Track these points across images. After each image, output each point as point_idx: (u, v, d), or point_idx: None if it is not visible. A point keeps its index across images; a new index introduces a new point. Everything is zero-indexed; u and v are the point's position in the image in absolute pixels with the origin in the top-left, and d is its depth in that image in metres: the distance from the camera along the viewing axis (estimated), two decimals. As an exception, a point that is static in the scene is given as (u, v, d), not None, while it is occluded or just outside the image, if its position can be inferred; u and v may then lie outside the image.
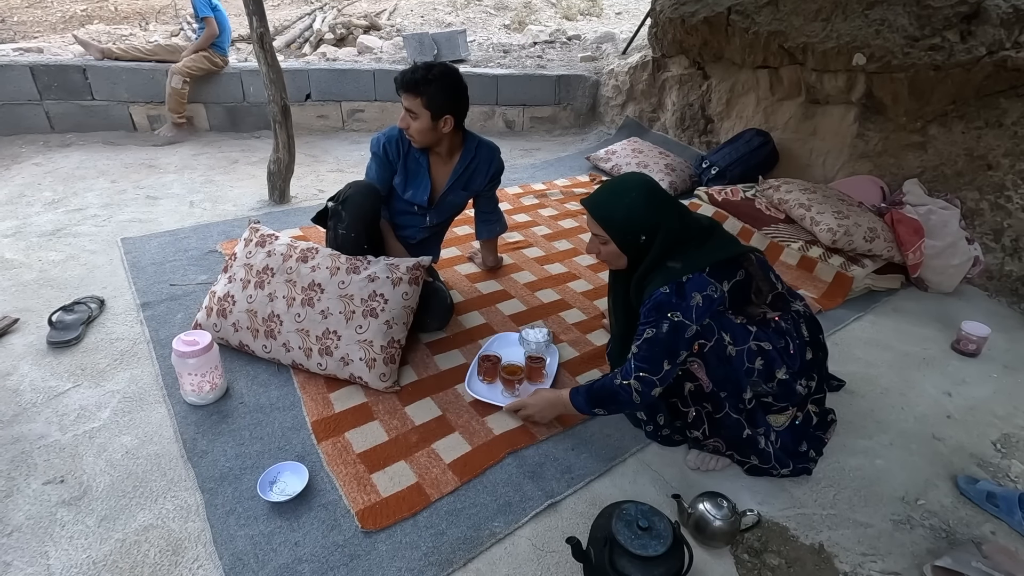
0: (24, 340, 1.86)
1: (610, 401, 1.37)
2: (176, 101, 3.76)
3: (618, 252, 1.40)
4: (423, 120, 1.81)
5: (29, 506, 1.32)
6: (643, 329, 1.31)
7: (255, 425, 1.57)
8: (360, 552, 1.25)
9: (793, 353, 1.36)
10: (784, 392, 1.36)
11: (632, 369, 1.31)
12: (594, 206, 1.39)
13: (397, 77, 1.79)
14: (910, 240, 2.46)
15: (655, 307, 1.29)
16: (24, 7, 7.77)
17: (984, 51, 2.41)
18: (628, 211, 1.35)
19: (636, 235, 1.35)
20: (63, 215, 2.74)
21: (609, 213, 1.37)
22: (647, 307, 1.31)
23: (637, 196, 1.35)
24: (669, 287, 1.28)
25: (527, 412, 1.56)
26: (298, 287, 1.73)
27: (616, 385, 1.34)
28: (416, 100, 1.78)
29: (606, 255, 1.43)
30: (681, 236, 1.35)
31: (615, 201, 1.37)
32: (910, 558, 1.32)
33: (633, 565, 1.10)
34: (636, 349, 1.32)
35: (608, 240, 1.39)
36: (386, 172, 1.98)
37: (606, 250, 1.42)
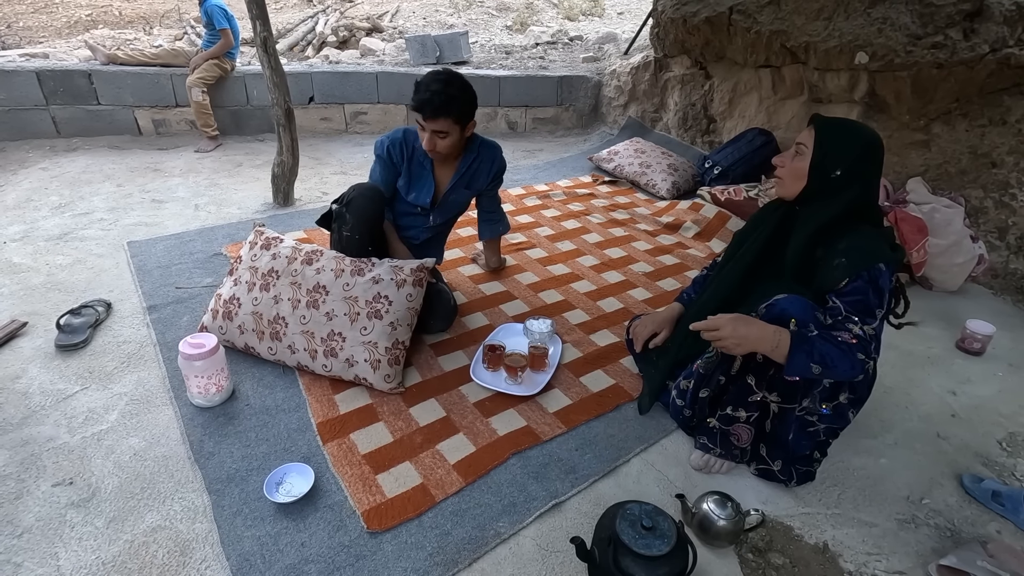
0: (33, 343, 1.88)
1: (839, 363, 1.17)
2: (203, 115, 3.80)
3: (804, 171, 1.33)
4: (454, 135, 1.82)
5: (39, 507, 1.33)
6: (856, 300, 1.22)
7: (261, 427, 1.58)
8: (366, 552, 1.26)
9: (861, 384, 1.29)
10: (835, 415, 1.30)
11: (862, 347, 1.19)
12: (823, 120, 1.35)
13: (418, 105, 1.75)
14: (914, 239, 2.46)
15: (872, 282, 1.22)
16: (30, 12, 7.83)
17: (987, 49, 2.40)
18: (846, 139, 1.30)
19: (834, 165, 1.30)
20: (70, 219, 2.77)
21: (830, 130, 1.31)
22: (863, 275, 1.22)
23: (865, 138, 1.30)
24: (887, 267, 1.23)
25: (722, 334, 1.27)
26: (303, 289, 1.74)
27: (853, 353, 1.18)
28: (447, 120, 1.77)
29: (790, 170, 1.36)
30: (873, 204, 1.31)
31: (843, 127, 1.33)
32: (915, 557, 1.32)
33: (637, 565, 1.10)
34: (860, 331, 1.20)
35: (806, 153, 1.32)
36: (391, 175, 1.99)
37: (794, 165, 1.35)
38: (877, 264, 1.22)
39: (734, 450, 1.46)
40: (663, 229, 2.96)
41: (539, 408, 1.69)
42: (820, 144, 1.31)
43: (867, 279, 1.22)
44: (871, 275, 1.22)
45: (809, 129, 1.35)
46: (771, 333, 1.22)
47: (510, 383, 1.75)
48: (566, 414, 1.67)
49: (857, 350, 1.18)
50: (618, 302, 2.28)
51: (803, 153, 1.34)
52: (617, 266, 2.56)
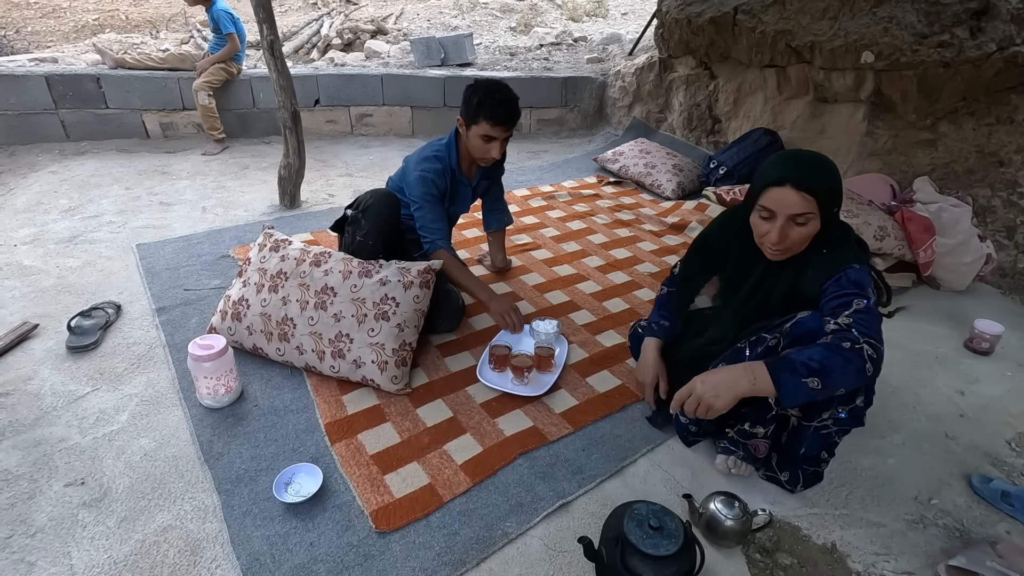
0: (44, 345, 1.90)
1: (838, 367, 1.09)
2: (209, 118, 3.83)
3: (816, 229, 1.24)
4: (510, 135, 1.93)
5: (51, 507, 1.35)
6: (847, 299, 1.18)
7: (270, 427, 1.59)
8: (374, 552, 1.26)
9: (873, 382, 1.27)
10: (852, 417, 1.29)
11: (857, 335, 1.12)
12: (810, 175, 1.19)
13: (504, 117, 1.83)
14: (921, 238, 2.45)
15: (855, 282, 1.19)
16: (38, 17, 7.90)
17: (994, 47, 2.39)
18: (833, 177, 1.22)
19: (838, 204, 1.24)
20: (79, 222, 2.79)
21: (819, 181, 1.20)
22: (841, 279, 1.21)
23: (830, 162, 1.24)
24: (860, 266, 1.22)
25: (696, 395, 1.21)
26: (311, 291, 1.76)
27: (844, 348, 1.10)
28: (515, 125, 1.89)
29: (799, 237, 1.24)
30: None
31: (819, 170, 1.22)
32: (924, 558, 1.31)
33: (645, 564, 1.11)
34: (849, 320, 1.15)
35: (815, 215, 1.21)
36: (443, 208, 2.02)
37: (803, 233, 1.23)
38: (850, 265, 1.23)
39: (751, 457, 1.45)
40: (668, 229, 2.96)
41: (546, 408, 1.69)
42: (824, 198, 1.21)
43: (843, 280, 1.23)
44: (849, 276, 1.23)
45: (798, 195, 1.20)
46: (740, 370, 1.17)
47: (516, 384, 1.75)
48: (573, 414, 1.67)
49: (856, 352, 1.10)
50: (624, 303, 2.28)
51: (810, 219, 1.22)
52: (623, 266, 2.56)
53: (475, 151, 1.94)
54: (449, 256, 1.96)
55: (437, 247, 1.95)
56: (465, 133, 1.93)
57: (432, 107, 4.37)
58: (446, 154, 1.99)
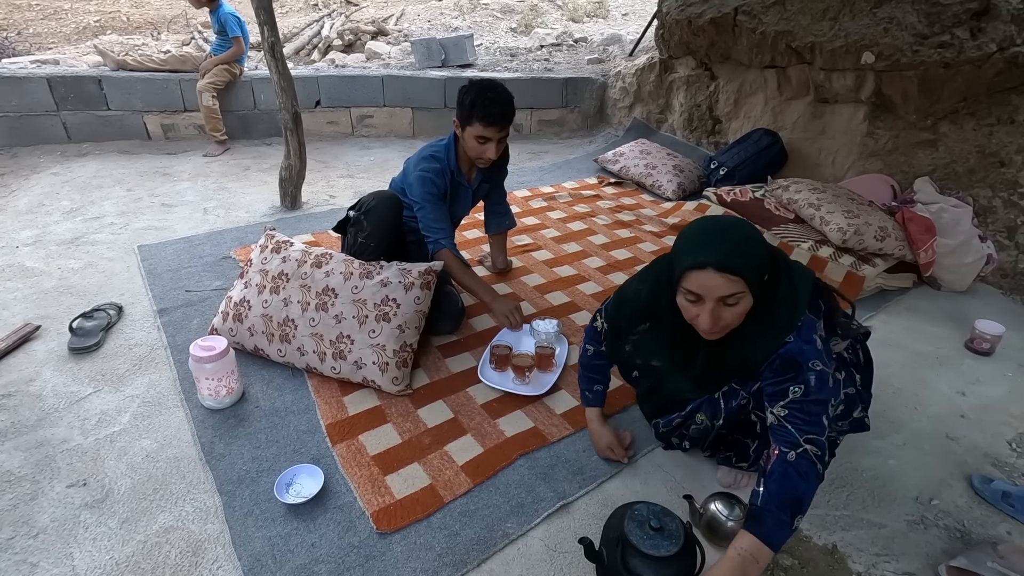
0: (46, 346, 1.90)
1: (804, 490, 1.06)
2: (212, 119, 3.83)
3: (750, 304, 1.13)
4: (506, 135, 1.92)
5: (53, 508, 1.35)
6: (784, 388, 1.11)
7: (271, 428, 1.60)
8: (375, 553, 1.27)
9: (862, 387, 1.29)
10: (853, 427, 1.32)
11: (797, 437, 1.08)
12: (729, 258, 1.08)
13: (496, 118, 1.82)
14: (922, 239, 2.45)
15: (790, 362, 1.11)
16: (39, 19, 7.92)
17: (995, 47, 2.39)
18: (756, 248, 1.12)
19: (761, 273, 1.12)
20: (81, 223, 2.80)
21: (742, 255, 1.09)
22: (776, 364, 1.13)
23: (750, 231, 1.13)
24: (792, 337, 1.12)
25: None
26: (312, 292, 1.76)
27: (791, 464, 1.07)
28: (511, 121, 1.88)
29: (733, 317, 1.13)
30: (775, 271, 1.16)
31: (740, 243, 1.11)
32: (924, 558, 1.31)
33: (645, 565, 1.11)
34: (784, 413, 1.10)
35: (745, 292, 1.10)
36: (445, 207, 2.01)
37: (734, 312, 1.12)
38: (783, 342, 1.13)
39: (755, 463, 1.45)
40: (669, 230, 2.96)
41: (547, 409, 1.70)
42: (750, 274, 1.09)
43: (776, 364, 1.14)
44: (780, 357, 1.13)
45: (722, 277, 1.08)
46: (739, 561, 1.04)
47: (518, 383, 1.76)
48: (573, 415, 1.68)
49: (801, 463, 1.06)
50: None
51: (740, 298, 1.11)
52: (623, 267, 2.56)
53: (471, 152, 1.92)
54: (452, 256, 1.96)
55: (440, 247, 1.95)
56: (461, 135, 1.92)
57: (433, 108, 4.37)
58: (444, 155, 1.98)
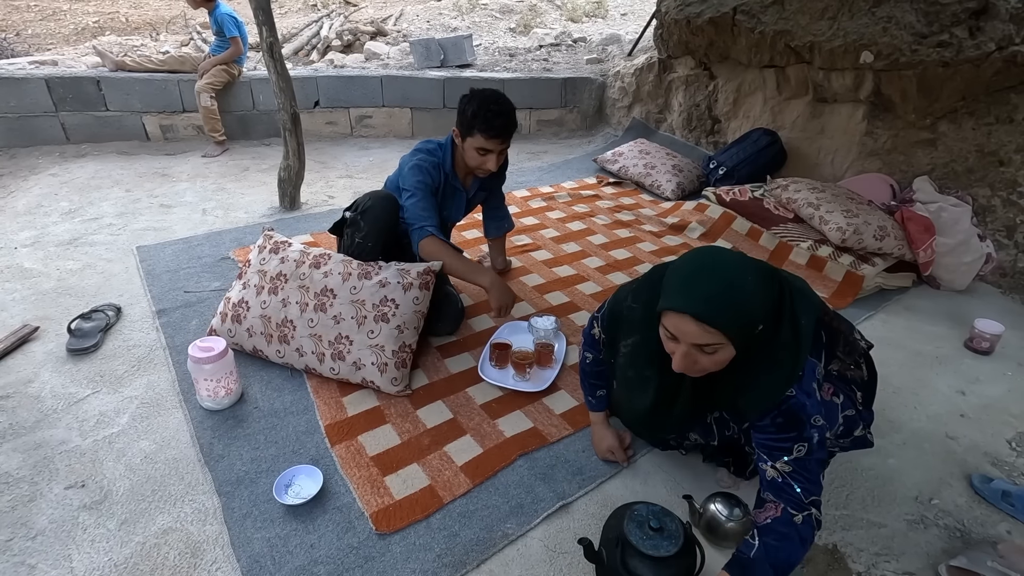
0: (44, 348, 1.90)
1: (797, 553, 1.05)
2: (211, 120, 3.83)
3: (731, 355, 1.05)
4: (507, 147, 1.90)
5: (52, 510, 1.35)
6: (787, 446, 1.07)
7: (270, 429, 1.59)
8: (375, 554, 1.26)
9: (864, 405, 1.28)
10: (856, 444, 1.31)
11: (801, 498, 1.06)
12: (708, 308, 0.99)
13: (499, 131, 1.80)
14: (921, 238, 2.45)
15: (792, 419, 1.06)
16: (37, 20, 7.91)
17: (993, 47, 2.39)
18: (750, 303, 1.00)
19: (756, 325, 1.03)
20: (79, 224, 2.79)
21: (726, 308, 0.99)
22: (779, 421, 1.07)
23: (751, 280, 1.01)
24: (795, 390, 1.06)
25: None
26: (311, 292, 1.76)
27: (799, 525, 1.05)
28: (513, 134, 1.86)
29: (711, 364, 1.06)
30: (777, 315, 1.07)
31: (733, 295, 0.99)
32: (924, 558, 1.31)
33: (645, 565, 1.11)
34: (789, 470, 1.07)
35: (723, 345, 1.02)
36: (435, 201, 1.93)
37: (713, 360, 1.05)
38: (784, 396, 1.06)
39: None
40: (668, 230, 2.96)
41: (546, 410, 1.69)
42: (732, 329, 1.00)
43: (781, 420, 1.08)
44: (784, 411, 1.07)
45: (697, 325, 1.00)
46: None
47: (518, 380, 1.77)
48: (573, 415, 1.67)
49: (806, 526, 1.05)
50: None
51: (718, 348, 1.02)
52: (623, 267, 2.56)
53: (471, 163, 1.89)
54: (440, 243, 1.84)
55: (426, 233, 1.83)
56: (461, 144, 1.89)
57: (432, 108, 4.37)
58: (440, 155, 1.95)
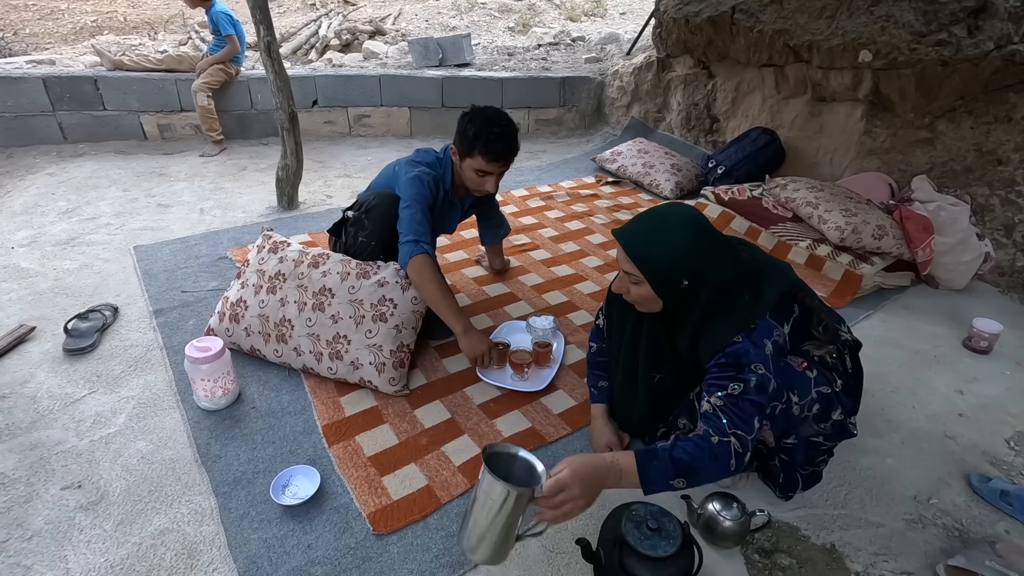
0: (41, 348, 1.89)
1: (704, 465, 1.07)
2: (208, 119, 3.82)
3: (652, 296, 1.19)
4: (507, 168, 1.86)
5: (48, 511, 1.34)
6: (724, 384, 1.13)
7: (267, 429, 1.59)
8: (372, 554, 1.26)
9: (844, 392, 1.27)
10: (837, 431, 1.29)
11: (725, 426, 1.10)
12: (630, 240, 1.17)
13: (501, 155, 1.75)
14: (919, 237, 2.45)
15: (734, 361, 1.13)
16: (35, 19, 7.90)
17: (992, 45, 2.39)
18: (668, 251, 1.15)
19: (677, 280, 1.15)
20: (77, 224, 2.79)
21: (647, 251, 1.16)
22: (722, 360, 1.14)
23: (680, 235, 1.15)
24: (742, 337, 1.14)
25: (567, 493, 1.02)
26: (309, 292, 1.75)
27: (712, 443, 1.08)
28: (512, 161, 1.82)
29: (637, 296, 1.22)
30: (734, 280, 1.18)
31: (656, 239, 1.16)
32: (923, 557, 1.31)
33: (643, 566, 1.10)
34: (721, 403, 1.12)
35: (642, 281, 1.18)
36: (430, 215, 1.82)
37: (637, 291, 1.21)
38: (732, 340, 1.14)
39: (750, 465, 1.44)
40: (667, 229, 2.95)
41: (544, 409, 1.69)
42: (645, 269, 1.16)
43: (724, 360, 1.14)
44: (728, 354, 1.14)
45: (621, 251, 1.18)
46: (610, 468, 1.06)
47: (516, 380, 1.76)
48: (571, 415, 1.67)
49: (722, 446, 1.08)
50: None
51: (638, 281, 1.18)
52: (621, 267, 2.56)
53: (468, 183, 1.83)
54: (431, 264, 1.71)
55: (422, 250, 1.69)
56: (459, 163, 1.82)
57: (430, 108, 4.37)
58: (440, 169, 1.87)
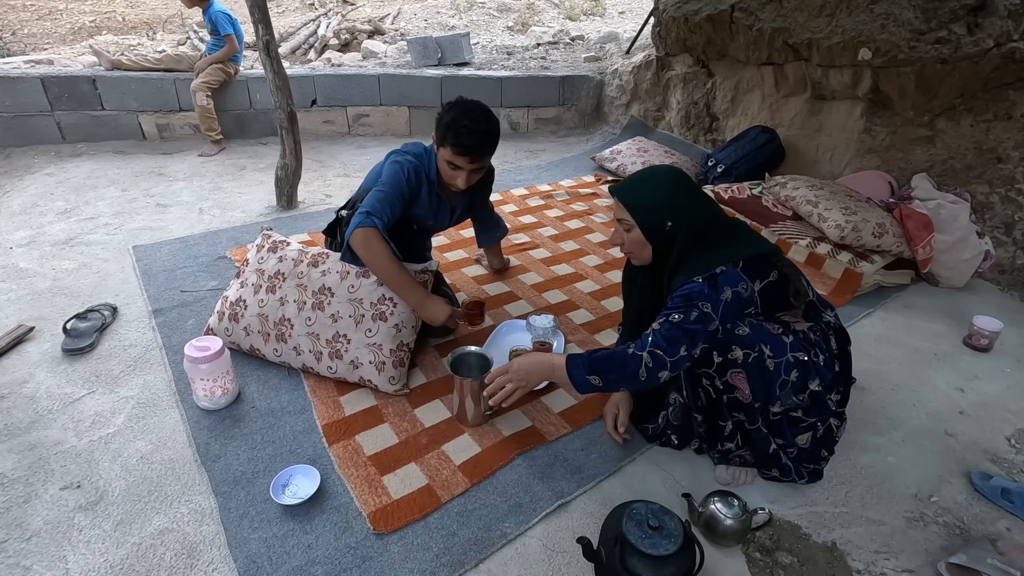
0: (40, 348, 1.89)
1: (614, 369, 1.25)
2: (207, 119, 3.81)
3: (643, 240, 1.37)
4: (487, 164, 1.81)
5: (47, 511, 1.34)
6: (668, 313, 1.27)
7: (267, 429, 1.59)
8: (372, 554, 1.26)
9: (824, 365, 1.32)
10: (815, 405, 1.33)
11: (647, 343, 1.24)
12: (620, 189, 1.40)
13: (469, 149, 1.65)
14: (919, 235, 2.44)
15: (686, 296, 1.26)
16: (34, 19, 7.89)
17: (992, 43, 2.39)
18: (653, 193, 1.35)
19: (661, 220, 1.33)
20: (75, 224, 2.78)
21: (634, 195, 1.37)
22: (677, 296, 1.28)
23: (663, 180, 1.37)
24: (703, 278, 1.27)
25: (511, 375, 1.37)
26: (308, 291, 1.75)
27: (627, 353, 1.24)
28: (490, 155, 1.76)
29: (630, 244, 1.40)
30: (709, 228, 1.33)
31: (641, 185, 1.38)
32: (924, 555, 1.31)
33: (644, 564, 1.10)
34: (657, 326, 1.26)
35: (632, 226, 1.37)
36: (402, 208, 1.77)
37: (630, 238, 1.39)
38: (690, 280, 1.28)
39: (748, 461, 1.45)
40: (667, 228, 2.95)
41: (544, 408, 1.69)
42: (633, 211, 1.37)
43: (679, 295, 1.28)
44: (684, 290, 1.28)
45: (616, 203, 1.40)
46: (548, 362, 1.35)
47: None
48: (571, 414, 1.67)
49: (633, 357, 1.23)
50: (622, 301, 2.27)
51: (630, 227, 1.38)
52: (620, 265, 2.52)
53: (443, 175, 1.78)
54: (379, 236, 1.62)
55: (371, 223, 1.61)
56: (437, 152, 1.77)
57: (429, 107, 4.36)
58: (426, 160, 1.82)
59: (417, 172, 1.80)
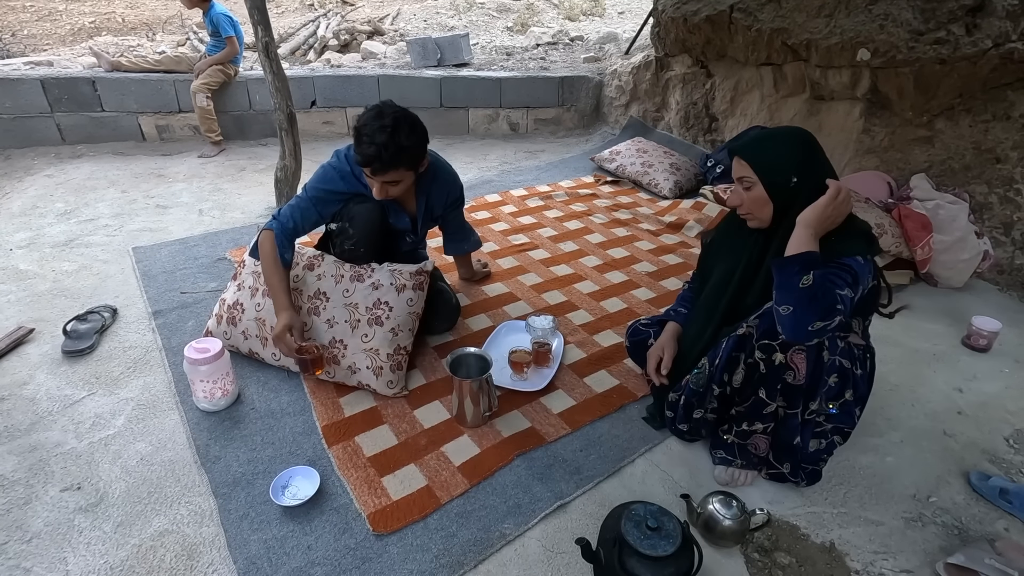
0: (39, 350, 1.89)
1: (818, 292, 1.16)
2: (206, 120, 3.81)
3: (764, 198, 1.31)
4: (407, 179, 1.68)
5: (47, 513, 1.34)
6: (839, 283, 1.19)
7: (267, 430, 1.59)
8: (372, 555, 1.26)
9: (864, 382, 1.32)
10: (843, 415, 1.32)
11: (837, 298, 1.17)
12: (744, 148, 1.34)
13: (364, 161, 1.57)
14: (918, 235, 2.45)
15: (847, 267, 1.21)
16: (33, 20, 7.89)
17: (990, 44, 2.39)
18: (777, 148, 1.31)
19: (786, 176, 1.28)
20: (75, 225, 2.79)
21: (758, 151, 1.32)
22: (846, 263, 1.22)
23: (789, 138, 1.33)
24: (864, 260, 1.23)
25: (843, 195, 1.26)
26: (304, 296, 1.75)
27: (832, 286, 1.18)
28: (397, 171, 1.62)
29: (750, 203, 1.34)
30: None
31: (765, 142, 1.34)
32: (922, 556, 1.31)
33: (643, 565, 1.10)
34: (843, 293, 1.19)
35: (754, 183, 1.31)
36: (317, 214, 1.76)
37: (751, 196, 1.33)
38: (853, 256, 1.23)
39: (753, 459, 1.44)
40: (666, 228, 2.95)
41: (543, 409, 1.69)
42: (757, 167, 1.31)
43: (844, 263, 1.22)
44: (850, 263, 1.22)
45: (738, 161, 1.35)
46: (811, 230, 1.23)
47: (516, 380, 1.76)
48: (571, 415, 1.67)
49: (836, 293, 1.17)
50: (621, 302, 2.27)
51: (751, 185, 1.33)
52: (620, 266, 2.56)
53: None
54: (270, 240, 1.66)
55: (268, 227, 1.69)
56: None
57: (429, 108, 4.36)
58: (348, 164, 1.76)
59: (344, 177, 1.75)
